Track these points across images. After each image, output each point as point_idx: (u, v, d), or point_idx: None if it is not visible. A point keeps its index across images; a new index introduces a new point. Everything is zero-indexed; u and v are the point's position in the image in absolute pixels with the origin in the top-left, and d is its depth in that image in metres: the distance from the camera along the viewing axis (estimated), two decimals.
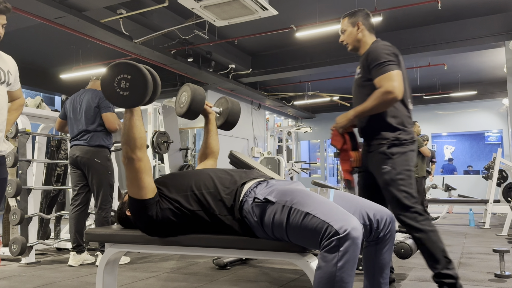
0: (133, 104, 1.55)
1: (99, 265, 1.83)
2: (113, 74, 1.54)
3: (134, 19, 6.22)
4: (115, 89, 1.54)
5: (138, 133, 1.58)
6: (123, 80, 1.53)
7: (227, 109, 2.17)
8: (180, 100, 2.01)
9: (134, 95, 1.53)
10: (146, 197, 1.59)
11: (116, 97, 1.54)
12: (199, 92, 1.97)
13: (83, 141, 3.45)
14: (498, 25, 7.02)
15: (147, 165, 1.61)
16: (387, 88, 2.15)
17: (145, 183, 1.59)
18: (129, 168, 1.59)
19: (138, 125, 1.58)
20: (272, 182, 1.62)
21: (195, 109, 1.95)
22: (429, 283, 2.75)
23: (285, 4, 6.33)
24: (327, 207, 1.39)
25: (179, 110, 1.99)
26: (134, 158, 1.57)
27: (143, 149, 1.60)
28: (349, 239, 1.28)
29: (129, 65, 1.54)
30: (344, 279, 1.28)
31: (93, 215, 4.12)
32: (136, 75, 1.52)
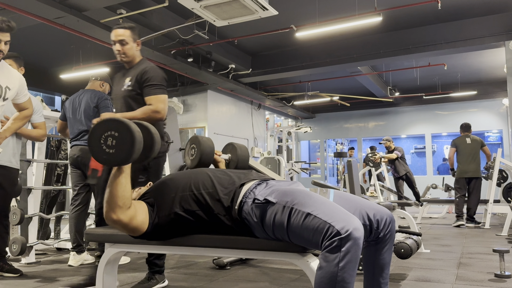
0: (118, 163, 1.51)
1: (99, 265, 1.83)
2: (100, 130, 1.50)
3: (134, 19, 6.21)
4: (100, 145, 1.49)
5: (122, 191, 1.52)
6: (110, 137, 1.49)
7: (236, 156, 2.21)
8: (189, 152, 2.06)
9: (120, 153, 1.48)
10: (143, 231, 1.62)
11: (101, 154, 1.49)
12: (208, 144, 2.01)
13: (83, 141, 3.45)
14: (498, 25, 7.03)
15: (133, 213, 1.57)
16: (157, 108, 2.51)
17: (137, 228, 1.59)
18: (117, 228, 1.60)
19: (123, 182, 1.53)
20: (272, 183, 1.62)
21: (205, 161, 1.99)
22: (429, 283, 2.75)
23: (285, 4, 6.33)
24: (328, 207, 1.39)
25: (189, 162, 2.04)
26: (116, 220, 1.53)
27: (124, 210, 1.54)
28: (350, 239, 1.28)
29: (117, 122, 1.50)
30: (346, 279, 1.28)
31: (93, 215, 4.13)
32: (123, 133, 1.48)
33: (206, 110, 9.31)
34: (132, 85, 2.58)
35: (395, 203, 4.31)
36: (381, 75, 10.30)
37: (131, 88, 2.58)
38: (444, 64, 8.48)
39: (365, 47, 7.90)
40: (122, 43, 2.68)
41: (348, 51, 8.01)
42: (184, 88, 9.34)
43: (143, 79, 2.55)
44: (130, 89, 2.58)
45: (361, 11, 6.18)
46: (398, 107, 12.10)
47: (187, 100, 9.49)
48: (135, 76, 2.59)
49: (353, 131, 12.96)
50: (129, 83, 2.60)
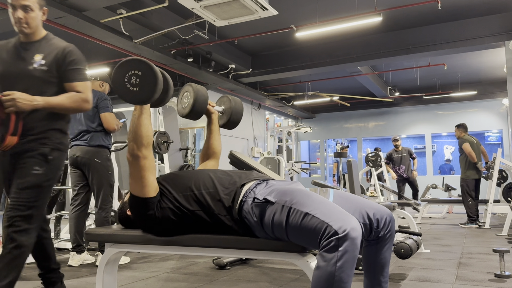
0: (142, 101, 1.56)
1: (99, 265, 1.83)
2: (124, 70, 1.55)
3: (134, 19, 6.22)
4: (125, 84, 1.55)
5: (146, 131, 1.59)
6: (134, 76, 1.54)
7: (229, 108, 2.16)
8: (182, 100, 1.99)
9: (143, 91, 1.54)
10: (148, 195, 1.60)
11: (125, 92, 1.55)
12: (202, 92, 1.95)
13: (83, 141, 3.45)
14: (498, 25, 7.03)
15: (152, 164, 1.62)
16: (87, 97, 2.15)
17: (148, 182, 1.60)
18: (134, 166, 1.60)
19: (146, 123, 1.60)
20: (272, 182, 1.62)
21: (198, 110, 1.93)
22: (429, 283, 2.75)
23: (285, 4, 6.33)
24: (327, 207, 1.39)
25: (182, 111, 1.97)
26: (139, 156, 1.59)
27: (149, 148, 1.61)
28: (348, 239, 1.28)
29: (140, 61, 1.55)
30: (343, 279, 1.29)
31: (93, 215, 4.13)
32: (147, 72, 1.53)
33: None
34: (48, 65, 2.13)
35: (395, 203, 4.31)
36: (381, 75, 10.30)
37: (46, 69, 2.12)
38: (444, 64, 8.48)
39: (365, 47, 7.90)
40: (26, 9, 2.13)
41: (348, 51, 8.01)
42: None
43: (67, 61, 2.15)
44: (45, 70, 2.11)
45: (361, 11, 6.18)
46: (398, 107, 12.10)
47: None
48: (52, 54, 2.15)
49: (353, 131, 12.96)
50: (41, 62, 2.13)
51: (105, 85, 3.74)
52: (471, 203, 6.18)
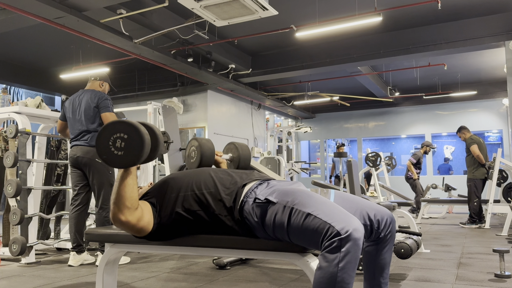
0: (127, 164, 1.50)
1: (99, 265, 1.83)
2: (109, 132, 1.49)
3: (134, 19, 6.21)
4: (109, 147, 1.49)
5: (130, 192, 1.51)
6: (119, 139, 1.48)
7: (237, 156, 2.20)
8: (190, 155, 2.03)
9: (129, 155, 1.47)
10: (147, 232, 1.60)
11: (109, 156, 1.49)
12: (208, 146, 1.99)
13: (84, 141, 3.45)
14: (498, 25, 7.02)
15: (141, 221, 1.56)
16: None
17: (143, 228, 1.58)
18: (123, 229, 1.59)
19: (130, 183, 1.51)
20: (273, 183, 1.61)
21: (206, 163, 1.98)
22: (429, 283, 2.75)
23: (285, 4, 6.33)
24: (329, 207, 1.39)
25: (190, 164, 2.02)
26: (123, 222, 1.51)
27: (132, 212, 1.52)
28: (350, 240, 1.28)
29: (126, 124, 1.49)
30: (345, 279, 1.28)
31: (93, 215, 4.12)
32: (133, 135, 1.47)
33: (206, 110, 9.31)
34: None
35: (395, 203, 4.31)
36: (381, 75, 10.30)
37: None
38: (444, 64, 8.48)
39: (365, 47, 7.90)
40: None
41: (348, 51, 8.01)
42: (184, 88, 9.34)
43: None
44: None
45: (361, 11, 6.17)
46: (398, 107, 12.09)
47: (187, 100, 9.49)
48: None
49: (353, 131, 12.96)
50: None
51: (105, 85, 3.74)
52: (477, 203, 6.19)
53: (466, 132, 6.49)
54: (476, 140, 6.32)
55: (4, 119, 3.97)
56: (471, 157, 6.31)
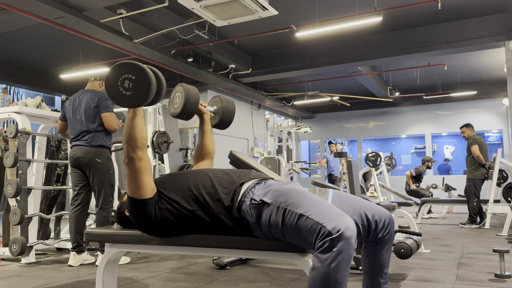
0: (135, 104, 1.56)
1: (99, 265, 1.83)
2: (117, 74, 1.55)
3: (134, 19, 6.22)
4: (118, 88, 1.55)
5: (140, 133, 1.60)
6: (127, 80, 1.54)
7: (221, 108, 2.14)
8: (173, 101, 1.97)
9: (137, 95, 1.54)
10: (145, 196, 1.60)
11: (119, 96, 1.55)
12: (193, 92, 1.94)
13: (84, 141, 3.45)
14: (498, 25, 7.02)
15: (147, 165, 1.62)
16: None
17: (144, 183, 1.60)
18: (130, 167, 1.60)
19: (140, 125, 1.60)
20: (270, 182, 1.61)
21: (189, 110, 1.92)
22: (429, 283, 2.75)
23: (285, 4, 6.33)
24: (321, 207, 1.39)
25: (173, 110, 1.96)
26: (134, 158, 1.59)
27: (144, 149, 1.62)
28: (342, 239, 1.28)
29: (133, 65, 1.55)
30: (338, 279, 1.28)
31: (93, 215, 4.13)
32: (140, 76, 1.53)
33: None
34: None
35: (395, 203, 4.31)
36: (381, 75, 10.30)
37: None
38: (444, 64, 8.48)
39: (365, 47, 7.90)
40: None
41: (348, 51, 8.01)
42: None
43: None
44: None
45: (361, 11, 6.17)
46: (398, 107, 12.09)
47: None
48: None
49: (353, 131, 12.96)
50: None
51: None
52: (476, 203, 6.19)
53: (471, 130, 6.48)
54: (478, 140, 6.32)
55: (4, 119, 3.97)
56: (472, 157, 6.31)
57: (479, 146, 6.26)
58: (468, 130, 6.49)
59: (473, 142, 6.27)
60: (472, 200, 6.22)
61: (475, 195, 6.21)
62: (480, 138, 6.39)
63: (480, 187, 6.27)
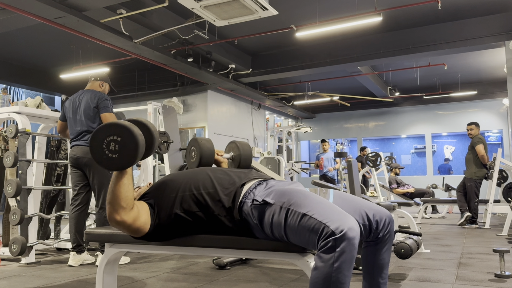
0: (122, 167, 1.49)
1: (99, 265, 1.83)
2: (103, 135, 1.48)
3: (134, 19, 6.21)
4: (103, 151, 1.48)
5: (125, 192, 1.50)
6: (113, 142, 1.47)
7: (238, 155, 2.18)
8: (190, 154, 2.04)
9: (123, 157, 1.46)
10: (144, 233, 1.59)
11: (104, 159, 1.48)
12: (207, 146, 1.98)
13: (84, 141, 3.45)
14: (498, 25, 7.03)
15: (137, 221, 1.55)
16: None
17: (140, 228, 1.57)
18: (119, 229, 1.58)
19: (126, 183, 1.51)
20: (271, 183, 1.61)
21: (205, 164, 1.97)
22: (429, 283, 2.75)
23: (285, 4, 6.33)
24: (324, 207, 1.38)
25: (191, 164, 2.02)
26: (119, 221, 1.51)
27: (127, 211, 1.51)
28: (345, 239, 1.28)
29: (119, 126, 1.47)
30: (341, 279, 1.28)
31: (93, 215, 4.13)
32: (126, 138, 1.46)
33: (206, 110, 9.32)
34: None
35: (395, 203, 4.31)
36: (381, 75, 10.30)
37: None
38: (444, 64, 8.48)
39: (365, 47, 7.90)
40: None
41: (348, 51, 8.01)
42: (184, 88, 9.34)
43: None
44: None
45: (361, 11, 6.17)
46: (398, 107, 12.10)
47: (187, 100, 9.49)
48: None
49: (353, 131, 12.96)
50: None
51: (105, 85, 3.74)
52: (476, 203, 6.19)
53: (476, 129, 6.48)
54: (482, 140, 6.33)
55: (4, 119, 3.97)
56: (473, 156, 6.31)
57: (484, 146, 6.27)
58: (476, 128, 6.50)
59: (478, 142, 6.27)
60: (472, 200, 6.22)
61: (475, 195, 6.21)
62: (483, 138, 6.40)
63: (479, 187, 6.27)
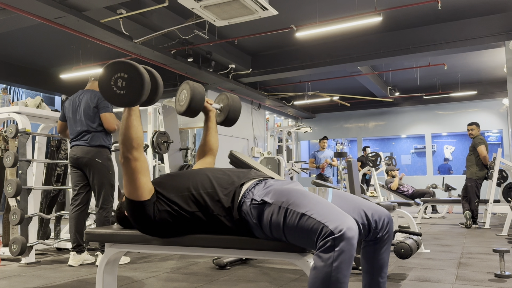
0: (129, 103, 1.54)
1: (99, 265, 1.83)
2: (110, 73, 1.54)
3: (134, 19, 6.21)
4: (111, 87, 1.53)
5: (135, 133, 1.57)
6: (120, 78, 1.52)
7: (227, 105, 2.15)
8: (179, 98, 1.98)
9: (130, 93, 1.52)
10: (142, 198, 1.59)
11: (112, 95, 1.54)
12: (199, 90, 1.94)
13: (84, 141, 3.45)
14: (498, 25, 7.02)
15: (144, 165, 1.61)
16: None
17: (141, 184, 1.59)
18: (126, 168, 1.59)
19: (135, 124, 1.58)
20: (270, 182, 1.61)
21: (195, 107, 1.93)
22: (429, 283, 2.75)
23: (285, 4, 6.33)
24: (323, 207, 1.39)
25: (179, 108, 1.97)
26: (130, 158, 1.57)
27: (140, 149, 1.60)
28: (344, 239, 1.28)
29: (126, 63, 1.53)
30: (340, 279, 1.28)
31: (93, 215, 4.13)
32: (132, 74, 1.52)
33: None
34: None
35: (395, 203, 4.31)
36: (381, 75, 10.30)
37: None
38: (444, 64, 8.47)
39: (365, 47, 7.90)
40: None
41: (348, 51, 8.01)
42: None
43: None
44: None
45: (361, 11, 6.17)
46: (398, 107, 12.10)
47: None
48: None
49: (353, 131, 12.96)
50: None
51: None
52: (477, 203, 6.19)
53: (477, 129, 6.48)
54: (484, 141, 6.33)
55: (4, 119, 3.97)
56: (475, 156, 6.31)
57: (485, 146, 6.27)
58: (477, 128, 6.50)
59: (480, 142, 6.28)
60: (473, 200, 6.22)
61: (476, 195, 6.22)
62: (484, 139, 6.40)
63: (480, 188, 6.28)
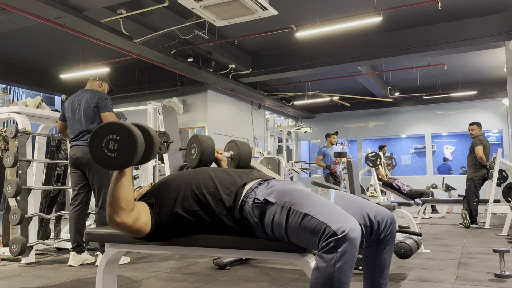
0: (121, 166, 1.49)
1: (99, 265, 1.83)
2: (102, 134, 1.49)
3: (134, 19, 6.21)
4: (102, 150, 1.48)
5: (124, 194, 1.49)
6: (112, 141, 1.47)
7: (238, 154, 2.19)
8: (190, 151, 2.06)
9: (122, 156, 1.46)
10: (145, 233, 1.59)
11: (103, 158, 1.48)
12: (208, 143, 2.00)
13: (83, 141, 3.45)
14: (498, 25, 7.03)
15: (137, 222, 1.54)
16: None
17: (140, 230, 1.57)
18: (119, 231, 1.57)
19: (125, 185, 1.50)
20: (273, 183, 1.61)
21: (206, 160, 1.99)
22: (429, 283, 2.75)
23: (285, 4, 6.33)
24: (326, 207, 1.38)
25: (191, 162, 2.04)
26: (119, 223, 1.50)
27: (127, 213, 1.50)
28: (347, 240, 1.28)
29: (119, 125, 1.48)
30: (342, 280, 1.28)
31: (93, 215, 4.12)
32: (125, 135, 1.47)
33: (206, 110, 9.32)
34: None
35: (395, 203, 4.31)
36: (381, 75, 10.30)
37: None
38: (444, 64, 8.48)
39: (365, 47, 7.90)
40: None
41: (348, 51, 8.01)
42: (184, 88, 9.34)
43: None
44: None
45: (361, 11, 6.17)
46: (398, 107, 12.10)
47: (187, 100, 9.49)
48: None
49: (353, 131, 12.96)
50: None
51: (104, 85, 3.74)
52: (476, 203, 6.19)
53: (479, 130, 6.47)
54: (483, 141, 6.32)
55: (4, 119, 3.97)
56: (474, 156, 6.31)
57: (484, 147, 6.26)
58: (478, 128, 6.49)
59: (477, 143, 6.26)
60: (472, 200, 6.22)
61: (475, 195, 6.22)
62: (485, 139, 6.38)
63: (479, 187, 6.28)
